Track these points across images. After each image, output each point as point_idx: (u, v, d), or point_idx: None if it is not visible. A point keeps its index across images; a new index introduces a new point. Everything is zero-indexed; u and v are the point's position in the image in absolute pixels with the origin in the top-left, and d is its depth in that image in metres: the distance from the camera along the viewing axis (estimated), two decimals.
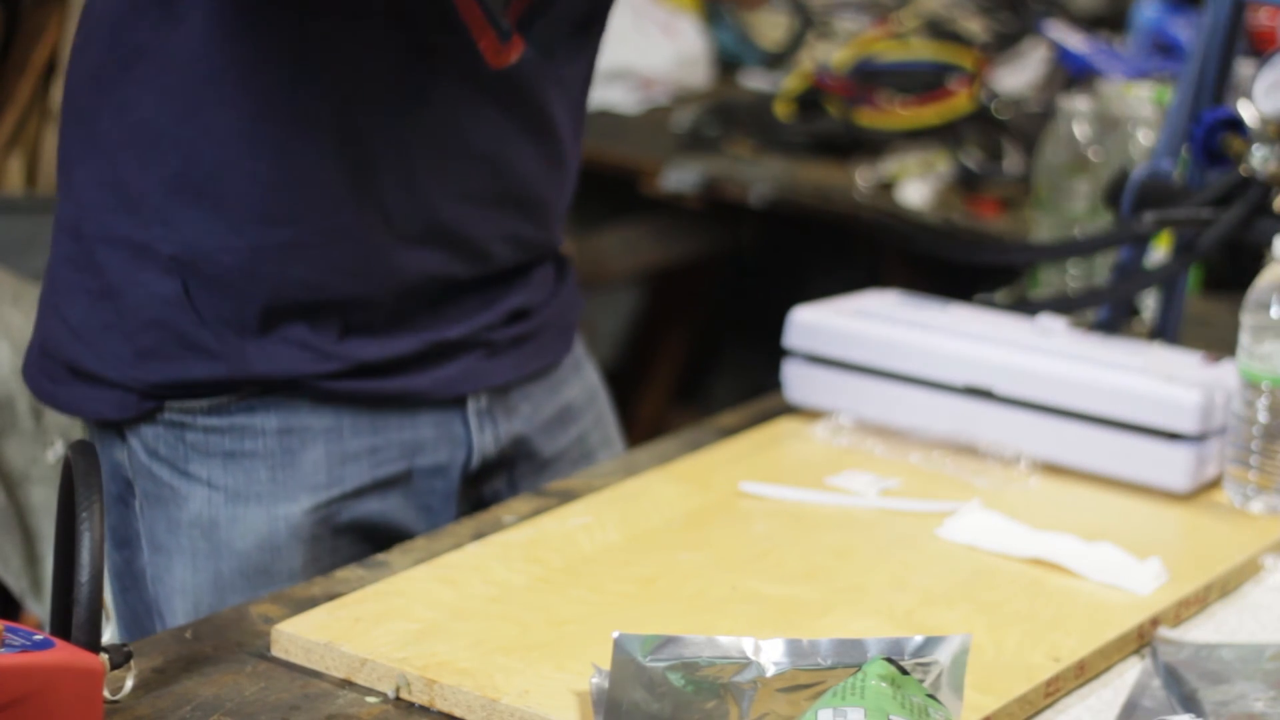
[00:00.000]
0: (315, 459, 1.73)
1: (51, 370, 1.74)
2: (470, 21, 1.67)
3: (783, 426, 1.98)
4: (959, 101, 3.33)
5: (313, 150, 1.66)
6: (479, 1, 1.67)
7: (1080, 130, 2.68)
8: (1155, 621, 1.59)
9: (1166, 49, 3.45)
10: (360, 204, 1.68)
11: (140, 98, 1.66)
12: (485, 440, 1.81)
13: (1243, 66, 2.31)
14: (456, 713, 1.40)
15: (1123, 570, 1.65)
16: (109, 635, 1.76)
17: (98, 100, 1.68)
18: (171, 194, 1.66)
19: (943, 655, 1.32)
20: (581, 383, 1.94)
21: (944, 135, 3.31)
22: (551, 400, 1.89)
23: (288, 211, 1.66)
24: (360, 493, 1.75)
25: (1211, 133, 1.97)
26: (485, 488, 1.83)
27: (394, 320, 1.73)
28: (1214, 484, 1.86)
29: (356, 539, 1.75)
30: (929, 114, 3.33)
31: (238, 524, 1.72)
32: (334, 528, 1.74)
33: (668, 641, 1.32)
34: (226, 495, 1.72)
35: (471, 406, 1.80)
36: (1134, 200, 2.03)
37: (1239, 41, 2.08)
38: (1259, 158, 1.92)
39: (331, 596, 1.55)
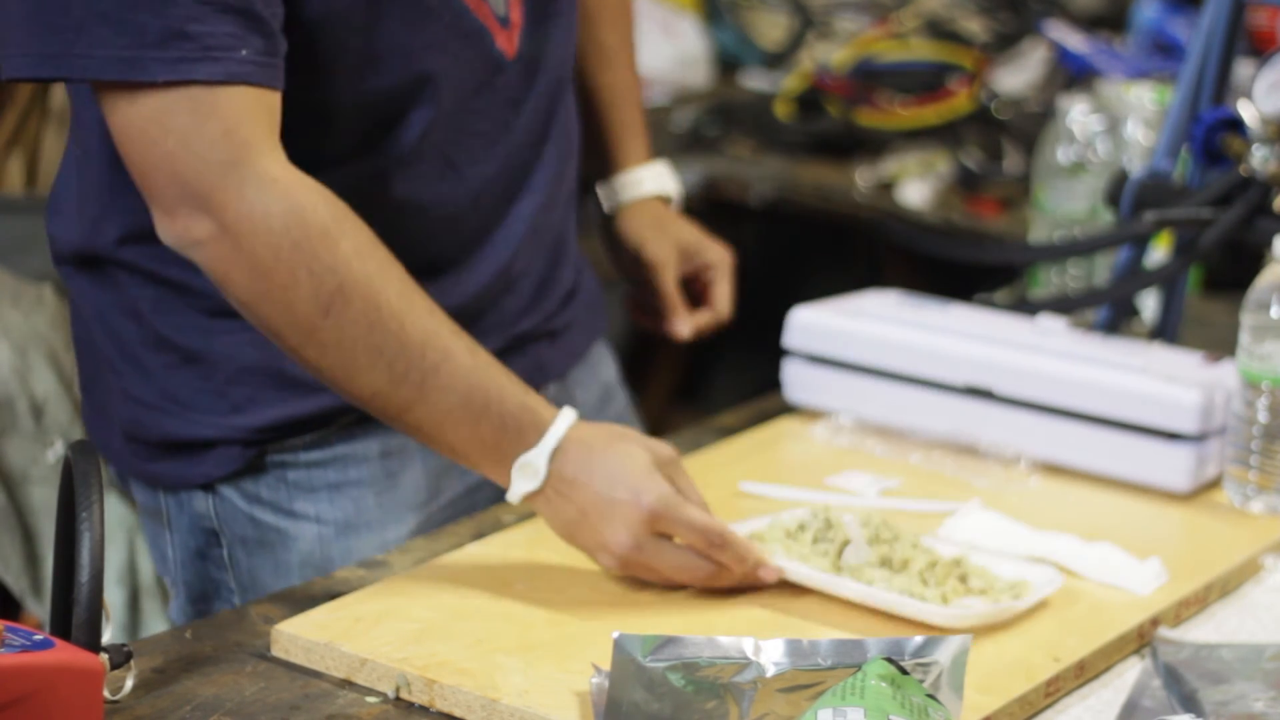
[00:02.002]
0: (415, 477, 1.73)
1: (143, 452, 1.71)
2: (487, 23, 1.66)
3: (783, 426, 1.98)
4: (959, 101, 3.33)
5: (392, 167, 1.65)
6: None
7: (1080, 130, 2.68)
8: (1155, 621, 1.59)
9: (1166, 49, 3.45)
10: (435, 215, 1.68)
11: None
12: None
13: (1243, 66, 2.31)
14: (456, 713, 1.40)
15: (1123, 570, 1.65)
16: (109, 635, 1.76)
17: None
18: None
19: (943, 655, 1.32)
20: (609, 361, 1.98)
21: (944, 135, 3.31)
22: (595, 381, 1.92)
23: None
24: (455, 501, 1.76)
25: (1211, 133, 1.97)
26: None
27: (472, 320, 1.69)
28: (1214, 484, 1.86)
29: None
30: (929, 114, 3.33)
31: (352, 555, 1.71)
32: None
33: (668, 641, 1.32)
34: (336, 529, 1.71)
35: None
36: (1134, 200, 2.03)
37: (1239, 41, 2.08)
38: (1259, 158, 1.92)
39: (331, 596, 1.55)
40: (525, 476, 1.56)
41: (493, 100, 1.69)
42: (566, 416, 1.57)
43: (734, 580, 1.57)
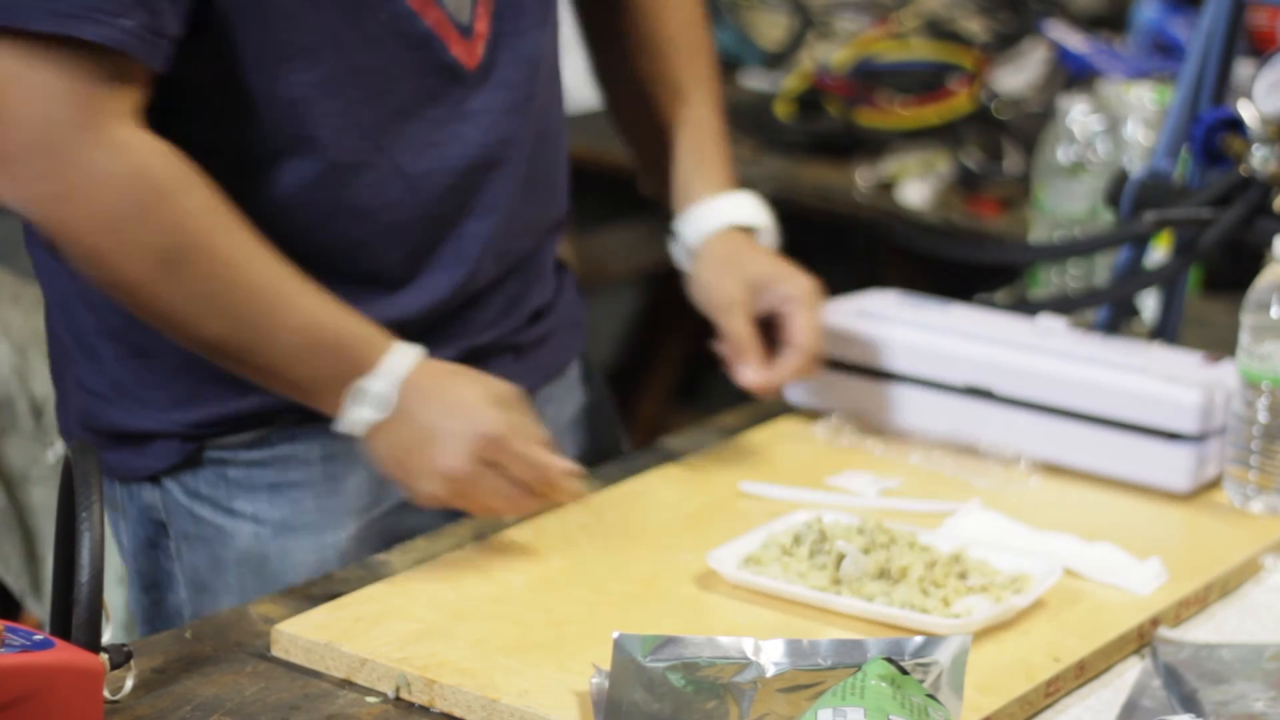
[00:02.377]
0: (358, 482, 1.72)
1: (98, 442, 1.72)
2: (440, 32, 1.65)
3: (783, 426, 1.98)
4: (959, 101, 3.33)
5: (330, 169, 1.64)
6: (442, 7, 1.65)
7: (1080, 130, 2.68)
8: (1155, 621, 1.58)
9: (1166, 49, 3.44)
10: (383, 227, 1.67)
11: None
12: None
13: (1243, 66, 2.31)
14: (456, 713, 1.40)
15: (1123, 570, 1.65)
16: (109, 635, 1.76)
17: None
18: None
19: (943, 655, 1.32)
20: (592, 383, 1.94)
21: (944, 135, 3.30)
22: (571, 401, 1.89)
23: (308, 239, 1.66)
24: (400, 509, 1.74)
25: (1211, 133, 1.97)
26: None
27: (428, 333, 1.70)
28: (1214, 484, 1.86)
29: None
30: (929, 114, 3.33)
31: (288, 556, 1.71)
32: (377, 546, 1.72)
33: (668, 641, 1.32)
34: (274, 529, 1.71)
35: None
36: (1134, 200, 2.03)
37: (1239, 41, 2.08)
38: (1259, 158, 1.92)
39: (331, 596, 1.55)
40: (372, 405, 1.59)
41: (447, 111, 1.67)
42: (409, 349, 1.61)
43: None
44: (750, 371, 1.83)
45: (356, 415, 1.59)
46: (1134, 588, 1.63)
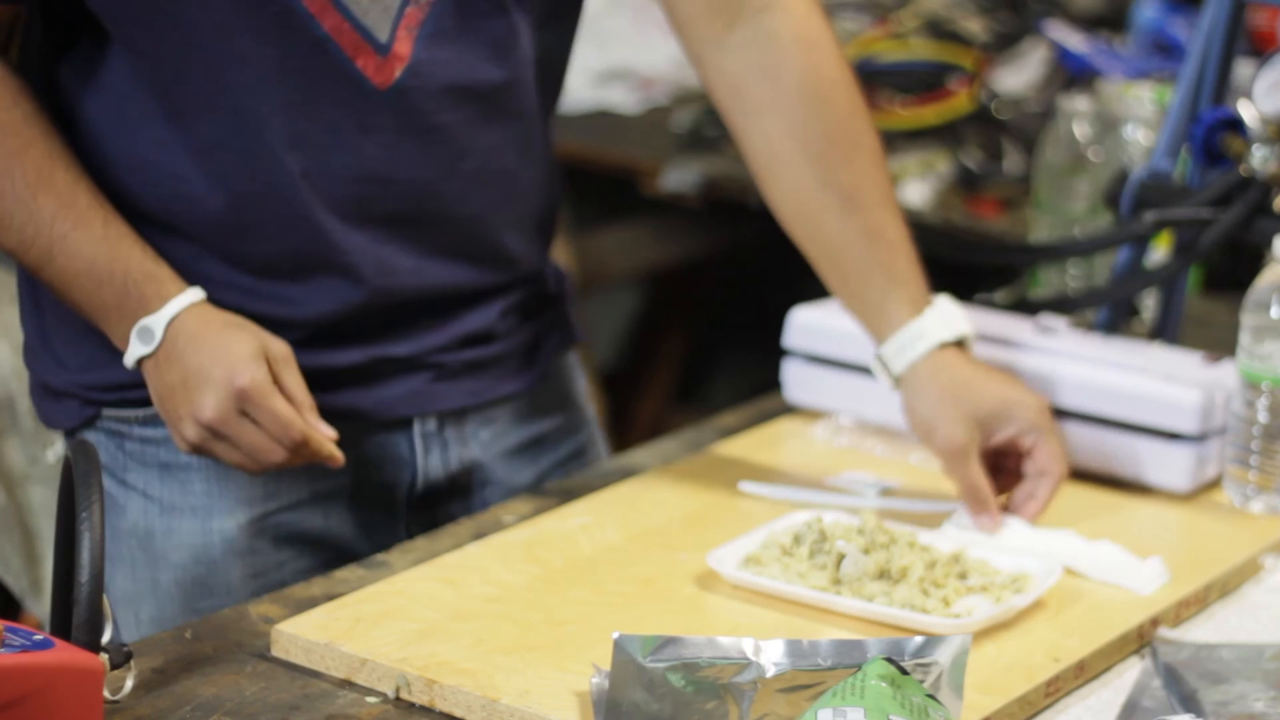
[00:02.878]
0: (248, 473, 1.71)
1: (34, 392, 1.78)
2: (341, 40, 1.63)
3: (783, 426, 1.98)
4: (959, 101, 3.33)
5: (224, 163, 1.65)
6: (349, 18, 1.63)
7: (1080, 130, 2.68)
8: (1155, 621, 1.58)
9: (1166, 49, 3.44)
10: (285, 224, 1.67)
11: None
12: (432, 464, 1.78)
13: (1243, 66, 2.31)
14: (456, 713, 1.40)
15: (1124, 569, 1.65)
16: (109, 635, 1.76)
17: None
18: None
19: (943, 655, 1.32)
20: (566, 414, 1.89)
21: (944, 135, 3.30)
22: (519, 429, 1.85)
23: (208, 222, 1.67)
24: (298, 505, 1.73)
25: (1211, 133, 1.97)
26: (439, 511, 1.80)
27: (336, 334, 1.70)
28: (1214, 484, 1.86)
29: (302, 552, 1.74)
30: (929, 114, 3.33)
31: (172, 536, 1.71)
32: (273, 540, 1.72)
33: (668, 642, 1.32)
34: (161, 507, 1.72)
35: (417, 429, 1.77)
36: (1134, 200, 2.03)
37: (1239, 41, 2.08)
38: (1259, 158, 1.92)
39: (331, 596, 1.55)
40: (142, 340, 1.64)
41: (352, 125, 1.65)
42: (192, 293, 1.64)
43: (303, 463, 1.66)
44: (992, 522, 1.70)
45: (132, 351, 1.64)
46: (1135, 587, 1.63)
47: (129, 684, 1.38)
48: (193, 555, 1.70)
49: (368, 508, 1.77)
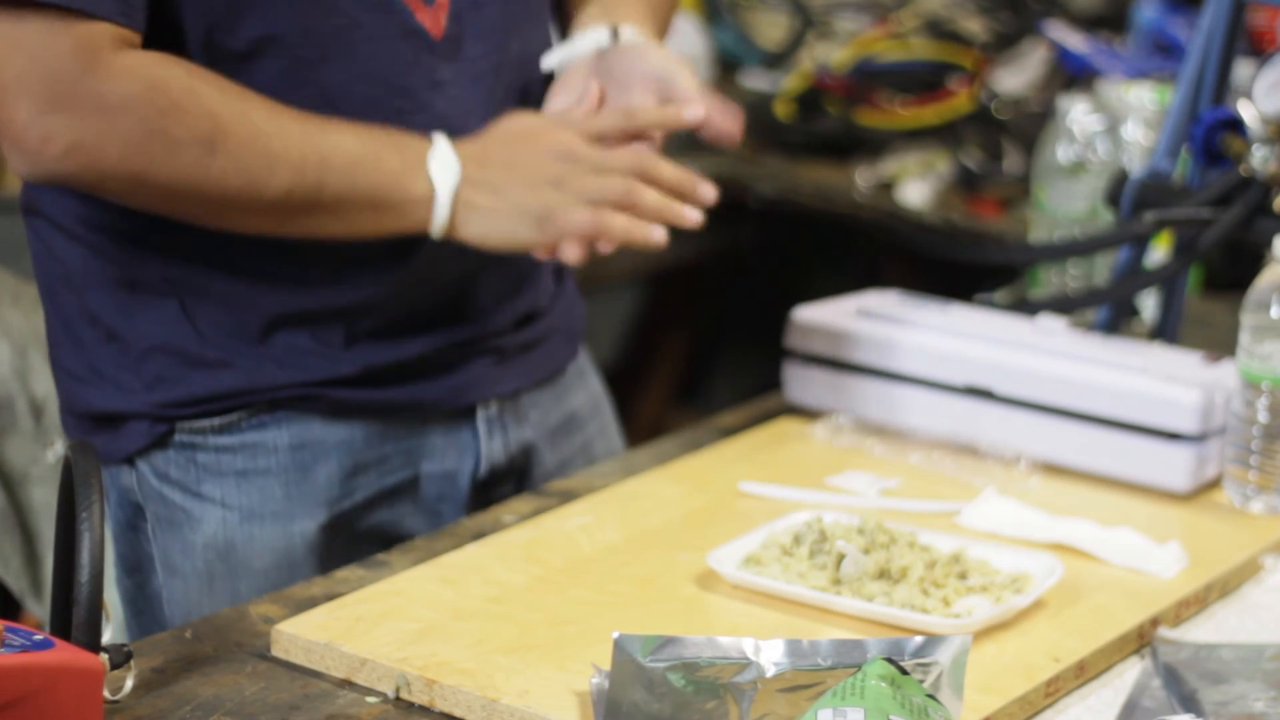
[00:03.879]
0: (328, 472, 1.72)
1: (80, 424, 1.74)
2: None
3: (783, 426, 1.98)
4: (959, 101, 3.33)
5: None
6: None
7: (1080, 130, 2.68)
8: (1155, 621, 1.59)
9: (1166, 49, 3.44)
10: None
11: None
12: (494, 448, 1.80)
13: (1243, 66, 2.31)
14: (456, 713, 1.40)
15: (1143, 554, 1.66)
16: (109, 635, 1.76)
17: None
18: (153, 219, 1.65)
19: (943, 655, 1.32)
20: (586, 390, 1.93)
21: (944, 135, 3.31)
22: (558, 407, 1.88)
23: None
24: (371, 502, 1.75)
25: (1211, 133, 1.97)
26: (494, 494, 1.82)
27: (401, 324, 1.72)
28: (1214, 484, 1.86)
29: (371, 547, 1.74)
30: (929, 114, 3.33)
31: (254, 543, 1.71)
32: (348, 539, 1.73)
33: (668, 641, 1.32)
34: (241, 515, 1.71)
35: (481, 414, 1.79)
36: (1134, 200, 2.03)
37: (1239, 41, 2.08)
38: (1259, 158, 1.92)
39: (331, 596, 1.55)
40: (446, 171, 1.61)
41: (416, 79, 1.68)
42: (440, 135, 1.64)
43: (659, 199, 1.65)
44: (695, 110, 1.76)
45: (441, 186, 1.61)
46: (1156, 571, 1.64)
47: (129, 684, 1.38)
48: (275, 561, 1.70)
49: (434, 498, 1.78)
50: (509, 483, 1.84)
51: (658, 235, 1.66)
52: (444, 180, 1.61)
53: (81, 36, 1.54)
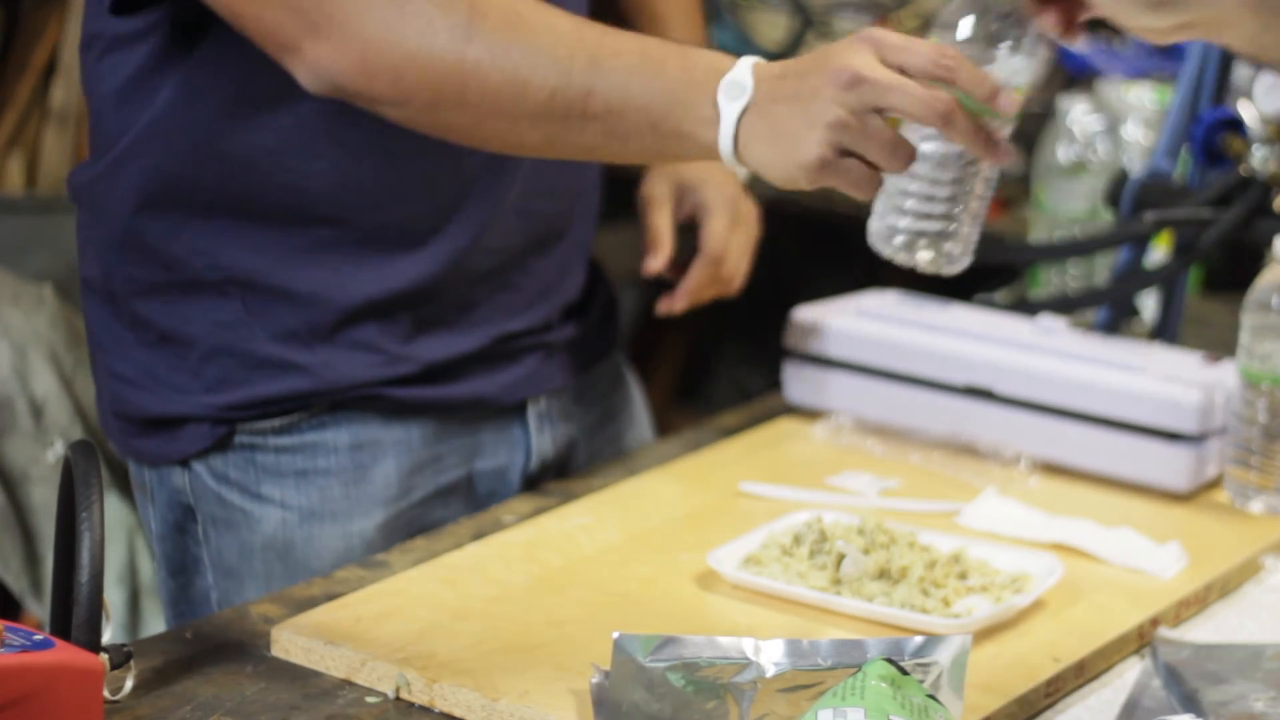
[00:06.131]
0: (386, 472, 1.72)
1: (129, 429, 1.73)
2: None
3: (783, 426, 1.98)
4: None
5: (376, 143, 1.63)
6: None
7: (1080, 130, 2.68)
8: (1155, 621, 1.59)
9: (1166, 49, 3.44)
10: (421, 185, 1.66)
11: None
12: (544, 443, 1.81)
13: (1243, 66, 2.31)
14: (456, 713, 1.40)
15: (1144, 554, 1.66)
16: (109, 635, 1.76)
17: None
18: (212, 219, 1.64)
19: (943, 656, 1.32)
20: (619, 380, 1.95)
21: None
22: (597, 400, 1.89)
23: (338, 211, 1.65)
24: (426, 501, 1.75)
25: (1211, 133, 1.97)
26: (540, 489, 1.82)
27: (460, 312, 1.71)
28: (1214, 484, 1.86)
29: None
30: None
31: (313, 543, 1.71)
32: (403, 538, 1.73)
33: (668, 641, 1.32)
34: (301, 515, 1.71)
35: (532, 410, 1.79)
36: (1134, 200, 2.03)
37: None
38: (1259, 158, 1.92)
39: (331, 596, 1.55)
40: (731, 96, 1.41)
41: None
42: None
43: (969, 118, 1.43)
44: (655, 261, 1.88)
45: (726, 113, 1.41)
46: (1156, 571, 1.64)
47: (129, 684, 1.38)
48: (334, 560, 1.70)
49: (485, 495, 1.78)
50: (552, 478, 1.84)
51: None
52: (730, 104, 1.42)
53: None
